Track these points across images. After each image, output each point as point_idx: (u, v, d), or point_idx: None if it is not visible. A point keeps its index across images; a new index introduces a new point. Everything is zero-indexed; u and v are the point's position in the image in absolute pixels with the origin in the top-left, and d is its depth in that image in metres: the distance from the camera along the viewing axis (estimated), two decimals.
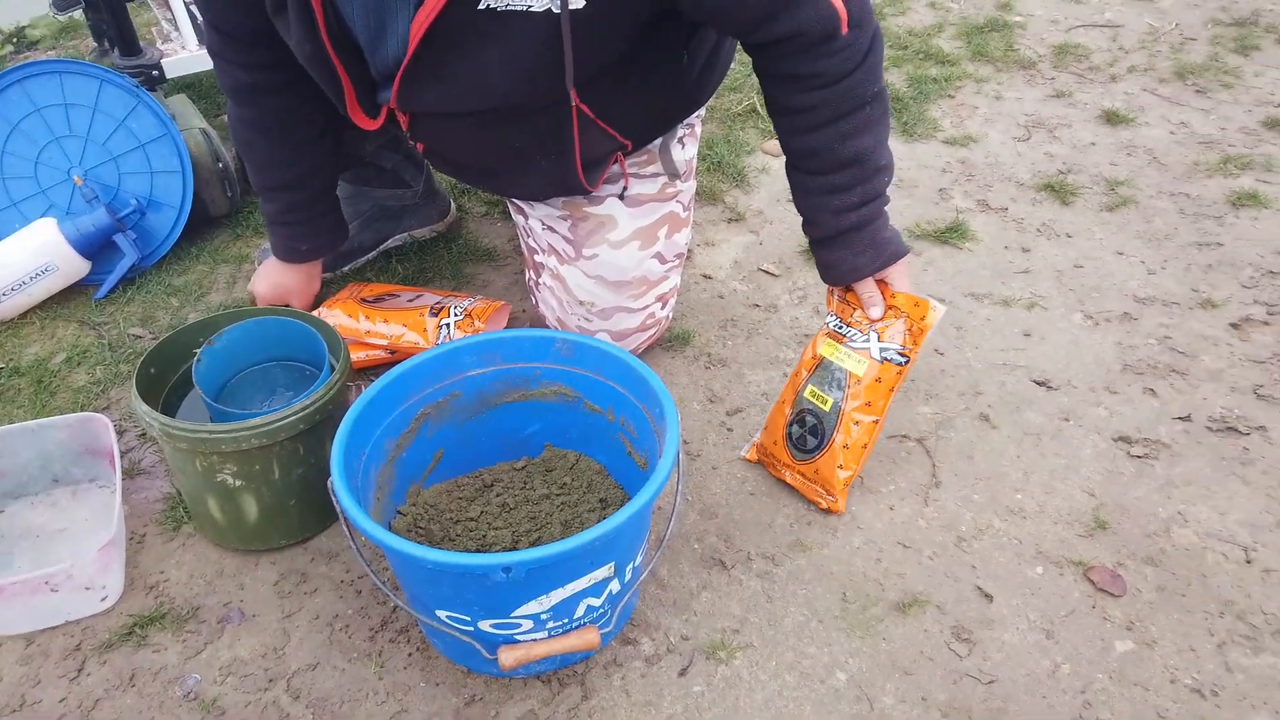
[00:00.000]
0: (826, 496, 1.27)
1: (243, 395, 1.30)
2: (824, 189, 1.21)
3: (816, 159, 1.19)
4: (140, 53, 1.95)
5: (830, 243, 1.24)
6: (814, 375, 1.26)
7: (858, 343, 1.23)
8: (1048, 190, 1.95)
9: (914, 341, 1.21)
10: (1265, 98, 2.27)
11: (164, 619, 1.17)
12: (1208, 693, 1.08)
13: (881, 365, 1.22)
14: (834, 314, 1.28)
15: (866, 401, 1.22)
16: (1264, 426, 1.41)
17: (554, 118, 1.22)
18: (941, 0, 2.79)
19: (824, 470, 1.26)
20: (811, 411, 1.26)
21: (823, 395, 1.25)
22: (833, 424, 1.24)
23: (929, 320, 1.20)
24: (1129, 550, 1.24)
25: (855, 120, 1.15)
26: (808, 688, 1.10)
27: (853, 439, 1.23)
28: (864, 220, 1.21)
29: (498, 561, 0.90)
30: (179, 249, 1.76)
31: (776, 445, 1.31)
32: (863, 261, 1.22)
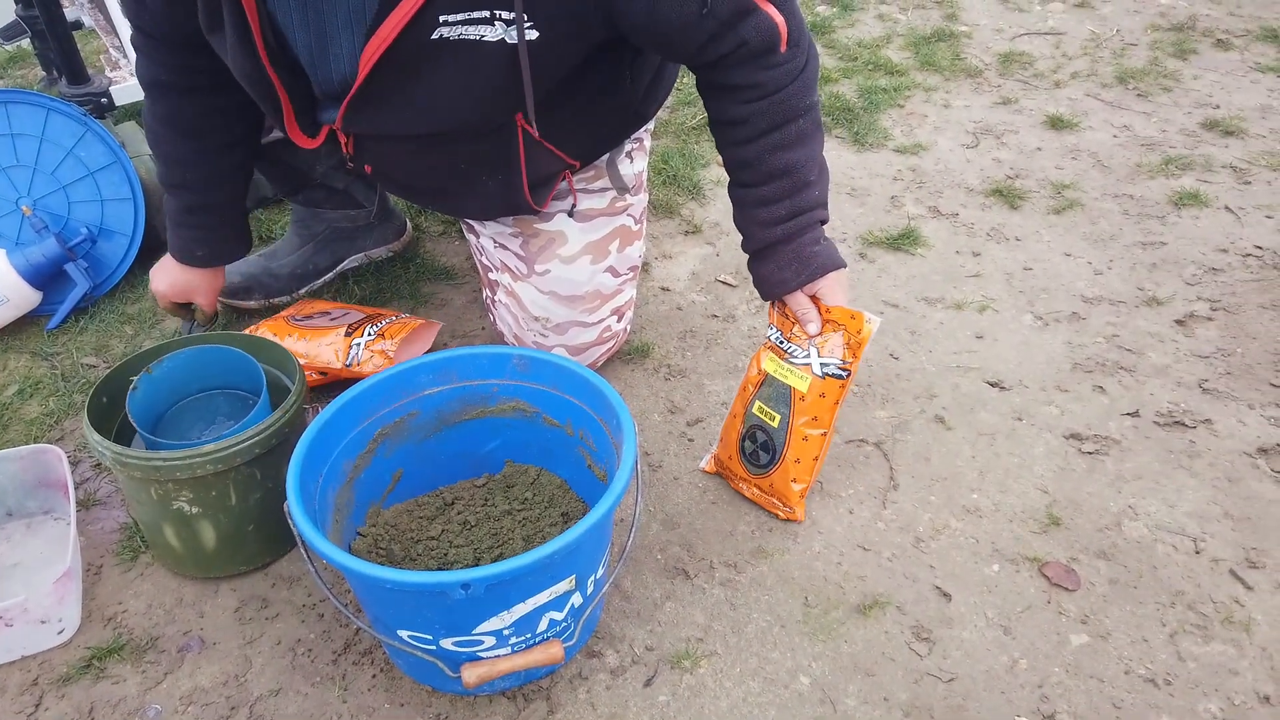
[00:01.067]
0: (784, 508, 1.29)
1: (182, 424, 1.29)
2: (754, 201, 1.22)
3: (749, 170, 1.21)
4: (88, 81, 1.93)
5: (760, 256, 1.25)
6: (760, 391, 1.27)
7: (799, 359, 1.23)
8: (996, 195, 1.99)
9: (853, 354, 1.21)
10: (1204, 100, 2.34)
11: (123, 650, 1.16)
12: (1161, 682, 1.11)
13: (824, 381, 1.22)
14: (775, 327, 1.28)
15: (813, 417, 1.23)
16: (1210, 420, 1.45)
17: (499, 140, 1.23)
18: (889, 12, 2.84)
19: (779, 484, 1.27)
20: (761, 428, 1.26)
21: (770, 412, 1.25)
22: (782, 440, 1.24)
23: (865, 333, 1.20)
24: (1082, 545, 1.27)
25: (788, 132, 1.17)
26: (772, 693, 1.11)
27: (804, 453, 1.24)
28: (791, 233, 1.21)
29: (456, 579, 0.90)
30: (132, 276, 1.75)
31: (732, 460, 1.32)
32: (788, 275, 1.22)
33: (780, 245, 1.22)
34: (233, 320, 1.67)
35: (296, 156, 1.55)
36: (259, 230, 1.89)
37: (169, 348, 1.26)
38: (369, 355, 1.42)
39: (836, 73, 2.47)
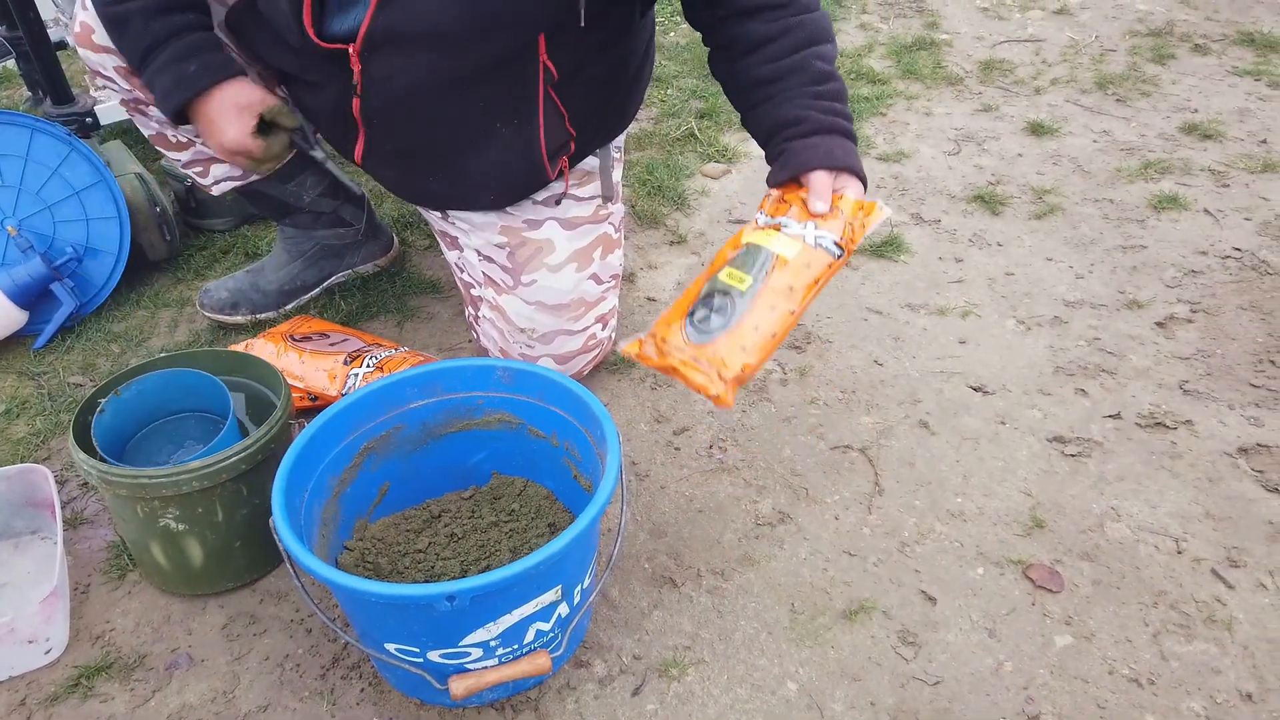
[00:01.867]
0: (716, 382, 1.07)
1: (150, 448, 1.28)
2: (807, 93, 1.18)
3: (796, 74, 1.18)
4: (73, 101, 1.94)
5: (811, 134, 1.17)
6: (734, 259, 1.13)
7: (793, 230, 1.12)
8: (978, 201, 2.01)
9: (851, 237, 1.12)
10: (1182, 104, 2.36)
11: (111, 668, 1.16)
12: (1145, 682, 1.12)
13: (814, 250, 1.10)
14: (764, 213, 1.17)
15: (789, 286, 1.09)
16: (1190, 421, 1.46)
17: (520, 74, 1.21)
18: (871, 21, 2.87)
19: (722, 350, 1.07)
20: (724, 292, 1.10)
21: (740, 275, 1.10)
22: (746, 304, 1.08)
23: (874, 217, 1.12)
24: (1065, 547, 1.28)
25: (825, 50, 1.19)
26: (759, 700, 1.11)
27: (764, 324, 1.08)
28: (842, 127, 1.18)
29: (441, 591, 0.91)
30: (118, 295, 1.75)
31: (670, 328, 1.11)
32: (840, 153, 1.16)
33: (831, 130, 1.17)
34: (219, 336, 1.68)
35: (283, 190, 1.56)
36: (245, 247, 1.90)
37: (154, 365, 1.26)
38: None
39: None
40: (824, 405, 1.52)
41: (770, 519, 1.33)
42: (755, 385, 1.55)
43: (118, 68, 1.35)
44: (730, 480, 1.39)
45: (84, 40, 1.35)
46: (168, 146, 1.47)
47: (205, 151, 1.46)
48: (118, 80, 1.37)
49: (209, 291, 1.68)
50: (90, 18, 1.32)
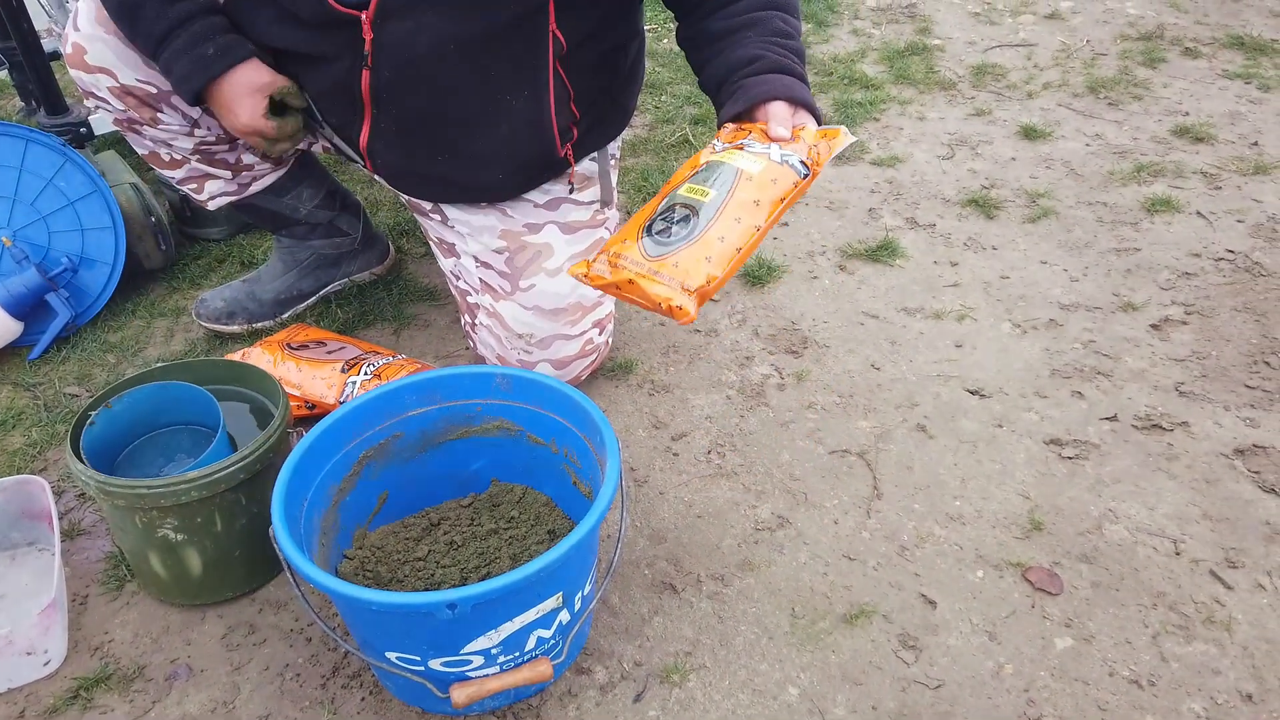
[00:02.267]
0: (679, 293, 0.98)
1: (142, 460, 1.28)
2: (766, 40, 1.19)
3: (757, 27, 1.20)
4: (67, 111, 1.94)
5: (770, 71, 1.16)
6: (694, 176, 1.06)
7: (756, 149, 1.06)
8: (972, 205, 2.02)
9: (817, 158, 1.07)
10: (1174, 107, 2.37)
11: (110, 680, 1.15)
12: (1145, 683, 1.12)
13: (780, 167, 1.04)
14: (720, 142, 1.11)
15: (755, 200, 1.02)
16: (1186, 422, 1.47)
17: (530, 43, 1.22)
18: (863, 27, 2.88)
19: (685, 262, 0.99)
20: (686, 204, 1.03)
21: (703, 189, 1.03)
22: (710, 215, 1.01)
23: (838, 141, 1.08)
24: (1064, 549, 1.28)
25: (789, 13, 1.21)
26: (761, 705, 1.11)
27: (729, 235, 1.00)
28: (800, 72, 1.18)
29: (442, 599, 0.90)
30: (114, 305, 1.75)
31: (626, 244, 1.03)
32: (799, 90, 1.15)
33: (790, 71, 1.17)
34: (215, 346, 1.67)
35: (279, 202, 1.56)
36: (241, 256, 1.90)
37: (150, 376, 1.26)
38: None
39: (813, 88, 2.49)
40: (821, 410, 1.52)
41: (769, 524, 1.33)
42: (753, 390, 1.56)
43: (111, 88, 1.35)
44: (729, 485, 1.39)
45: (76, 61, 1.34)
46: (161, 165, 1.46)
47: (199, 168, 1.46)
48: (111, 100, 1.37)
49: (205, 301, 1.68)
50: (82, 38, 1.32)
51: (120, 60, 1.32)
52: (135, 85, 1.34)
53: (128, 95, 1.35)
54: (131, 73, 1.33)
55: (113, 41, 1.31)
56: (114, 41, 1.31)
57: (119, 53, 1.31)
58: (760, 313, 1.73)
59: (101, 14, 1.30)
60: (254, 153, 1.49)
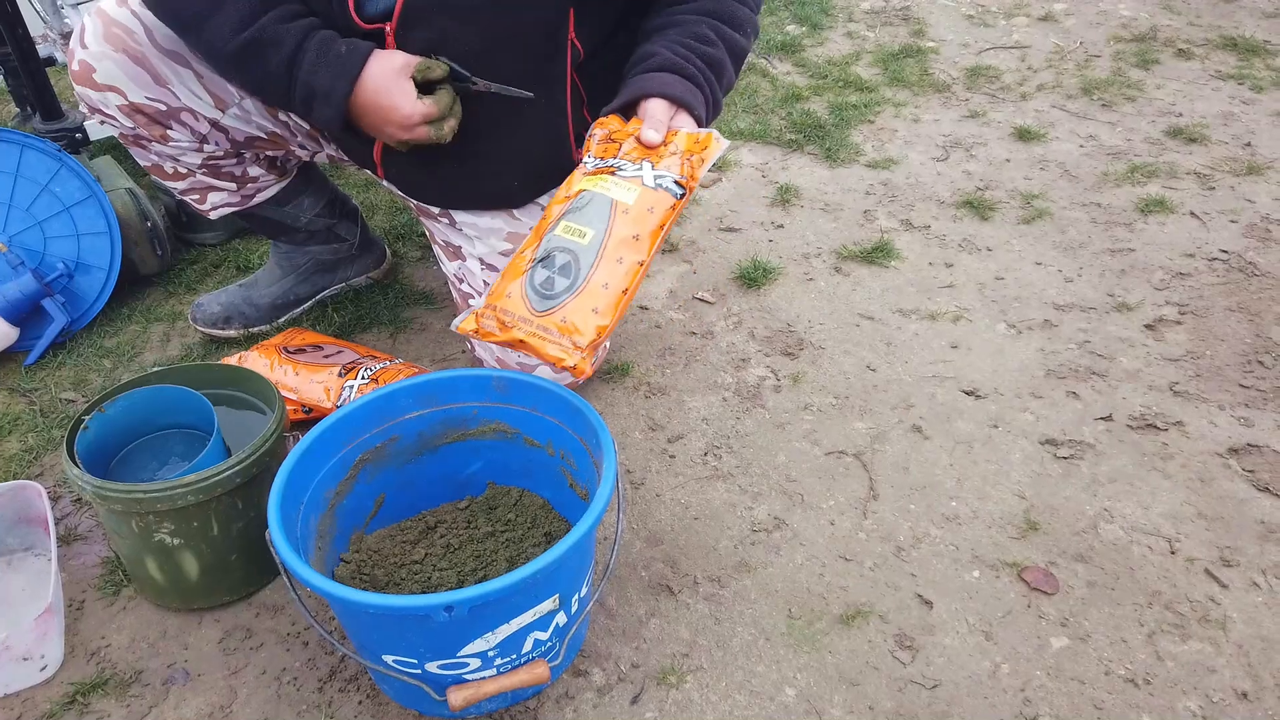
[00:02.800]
0: (573, 351, 0.99)
1: (136, 464, 1.28)
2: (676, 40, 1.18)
3: (679, 28, 1.19)
4: (62, 116, 1.94)
5: (658, 70, 1.15)
6: (569, 211, 1.03)
7: (628, 171, 1.03)
8: (967, 207, 2.02)
9: (691, 173, 1.05)
10: (1167, 108, 2.38)
11: (107, 685, 1.15)
12: (1141, 682, 1.12)
13: (655, 193, 1.02)
14: (593, 156, 1.09)
15: (634, 235, 1.00)
16: (1181, 422, 1.47)
17: (550, 52, 1.22)
18: (857, 29, 2.89)
19: (573, 316, 0.99)
20: (565, 249, 1.01)
21: (579, 229, 1.01)
22: (591, 260, 1.00)
23: (710, 150, 1.06)
24: (1060, 549, 1.28)
25: (722, 30, 1.19)
26: (758, 706, 1.11)
27: (613, 279, 1.00)
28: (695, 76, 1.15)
29: (439, 601, 0.90)
30: (110, 310, 1.75)
31: (511, 298, 1.02)
32: (679, 88, 1.13)
33: (680, 71, 1.15)
34: (211, 350, 1.67)
35: (281, 212, 1.56)
36: (237, 260, 1.90)
37: (145, 380, 1.26)
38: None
39: (807, 90, 2.51)
40: (817, 411, 1.52)
41: (766, 525, 1.33)
42: (749, 392, 1.56)
43: (121, 106, 1.33)
44: (725, 487, 1.39)
45: (84, 79, 1.32)
46: (164, 176, 1.45)
47: (204, 181, 1.45)
48: (120, 118, 1.35)
49: (201, 305, 1.68)
50: (90, 56, 1.30)
51: (129, 78, 1.30)
52: (145, 103, 1.33)
53: (137, 113, 1.34)
54: (141, 91, 1.31)
55: (121, 60, 1.29)
56: (123, 60, 1.29)
57: (128, 71, 1.30)
58: (756, 315, 1.73)
59: (110, 32, 1.28)
60: (259, 165, 1.46)
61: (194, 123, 1.36)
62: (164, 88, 1.32)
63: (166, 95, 1.33)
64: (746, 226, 1.99)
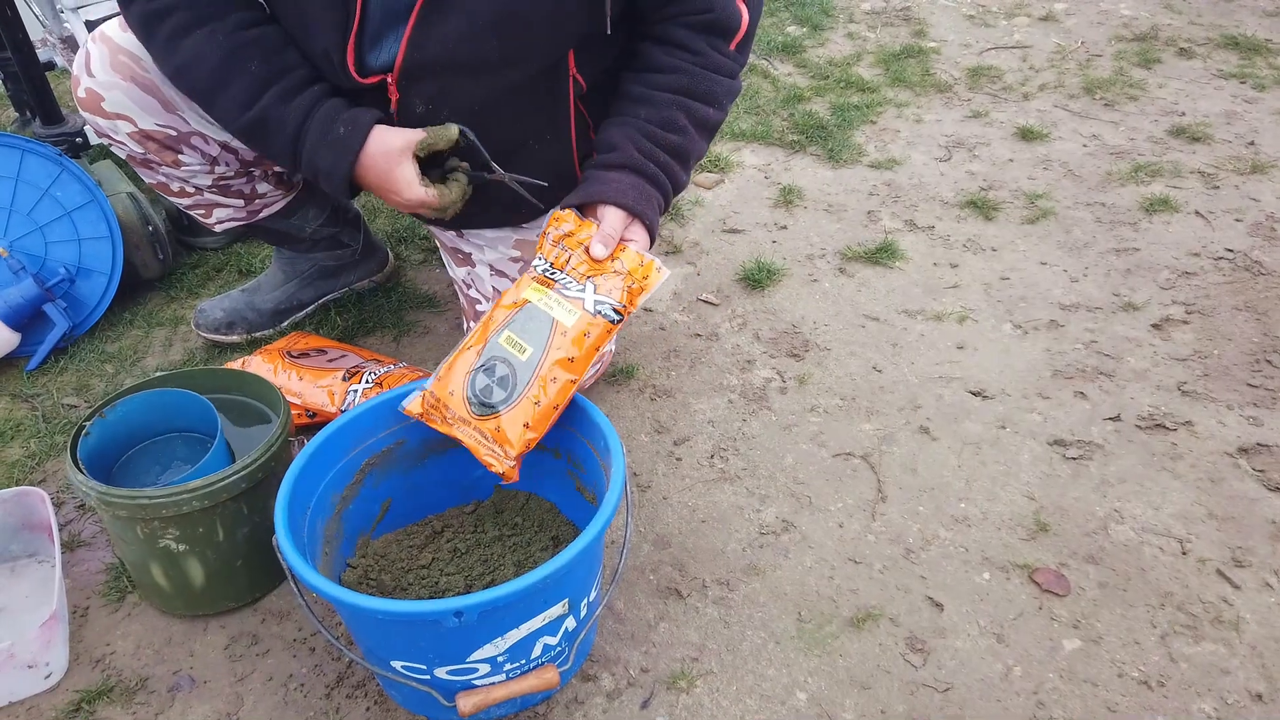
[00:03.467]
0: (504, 459, 1.06)
1: (138, 469, 1.26)
2: (640, 130, 1.19)
3: (648, 107, 1.19)
4: (63, 121, 1.93)
5: (613, 165, 1.17)
6: (513, 321, 1.09)
7: (571, 290, 1.09)
8: (971, 207, 2.02)
9: (630, 300, 1.10)
10: (1170, 108, 2.38)
11: (112, 692, 1.14)
12: (1154, 683, 1.12)
13: (593, 319, 1.08)
14: (544, 258, 1.14)
15: (569, 357, 1.07)
16: (1190, 422, 1.47)
17: (552, 91, 1.22)
18: (858, 30, 2.88)
19: (506, 427, 1.06)
20: (505, 360, 1.07)
21: (520, 343, 1.08)
22: (528, 376, 1.06)
23: (651, 280, 1.10)
24: (1070, 550, 1.28)
25: (696, 109, 1.19)
26: (769, 710, 1.10)
27: (546, 397, 1.07)
28: (652, 174, 1.17)
29: (449, 607, 0.90)
30: (112, 315, 1.74)
31: (453, 396, 1.09)
32: (634, 195, 1.14)
33: (640, 172, 1.17)
34: (214, 355, 1.67)
35: (286, 224, 1.55)
36: (239, 265, 1.89)
37: (149, 385, 1.25)
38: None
39: (809, 91, 2.50)
40: (824, 413, 1.51)
41: (774, 528, 1.33)
42: (754, 394, 1.55)
43: (131, 133, 1.31)
44: (733, 490, 1.39)
45: (92, 107, 1.30)
46: (170, 194, 1.43)
47: (211, 198, 1.44)
48: (130, 144, 1.33)
49: (204, 311, 1.67)
50: (98, 85, 1.27)
51: (139, 106, 1.28)
52: (155, 129, 1.31)
53: (148, 139, 1.32)
54: (151, 118, 1.30)
55: (130, 88, 1.27)
56: (131, 88, 1.27)
57: (137, 99, 1.28)
58: (761, 316, 1.73)
59: (117, 60, 1.26)
60: (268, 181, 1.46)
61: (204, 146, 1.35)
62: (174, 114, 1.30)
63: (176, 121, 1.31)
64: (750, 228, 1.98)
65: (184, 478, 1.10)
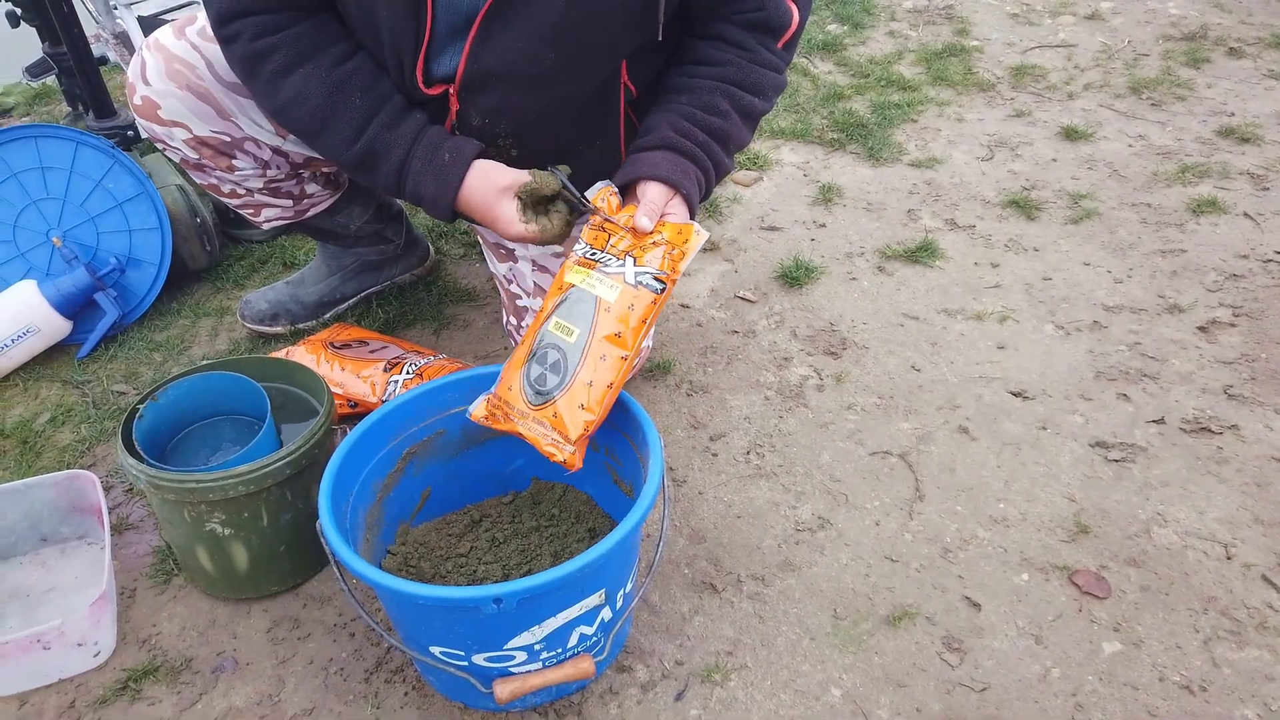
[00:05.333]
0: (564, 446, 1.06)
1: (188, 451, 1.29)
2: (680, 112, 1.19)
3: (691, 95, 1.20)
4: (115, 114, 1.97)
5: (652, 146, 1.17)
6: (560, 307, 1.10)
7: (611, 267, 1.09)
8: (1013, 206, 2.00)
9: (672, 267, 1.09)
10: (1218, 108, 2.34)
11: (158, 672, 1.17)
12: (1197, 689, 1.10)
13: (636, 291, 1.07)
14: (586, 243, 1.14)
15: (615, 332, 1.06)
16: (1236, 425, 1.44)
17: (605, 98, 1.23)
18: (900, 29, 2.86)
19: (564, 410, 1.06)
20: (555, 346, 1.08)
21: (568, 326, 1.08)
22: (578, 357, 1.06)
23: (691, 244, 1.10)
24: (1111, 553, 1.26)
25: (742, 97, 1.19)
26: (804, 706, 1.10)
27: (599, 375, 1.06)
28: (693, 153, 1.17)
29: (489, 593, 0.91)
30: (160, 305, 1.78)
31: (511, 391, 1.09)
32: (670, 169, 1.14)
33: (675, 148, 1.17)
34: (258, 345, 1.70)
35: (332, 222, 1.58)
36: (283, 257, 1.92)
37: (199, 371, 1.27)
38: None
39: (849, 89, 2.49)
40: (861, 411, 1.51)
41: (810, 525, 1.32)
42: (791, 391, 1.55)
43: (186, 140, 1.34)
44: (768, 486, 1.39)
45: (148, 114, 1.32)
46: (221, 195, 1.46)
47: (261, 199, 1.46)
48: (186, 150, 1.36)
49: (249, 302, 1.70)
50: (154, 94, 1.30)
51: (194, 114, 1.31)
52: (210, 136, 1.33)
53: (203, 146, 1.35)
54: (206, 125, 1.32)
55: (185, 96, 1.30)
56: (187, 96, 1.30)
57: (192, 107, 1.30)
58: (798, 314, 1.72)
59: (171, 68, 1.29)
60: (316, 182, 1.49)
61: (257, 151, 1.37)
62: (228, 120, 1.33)
63: (230, 127, 1.33)
64: (788, 225, 1.98)
65: (234, 459, 1.13)
